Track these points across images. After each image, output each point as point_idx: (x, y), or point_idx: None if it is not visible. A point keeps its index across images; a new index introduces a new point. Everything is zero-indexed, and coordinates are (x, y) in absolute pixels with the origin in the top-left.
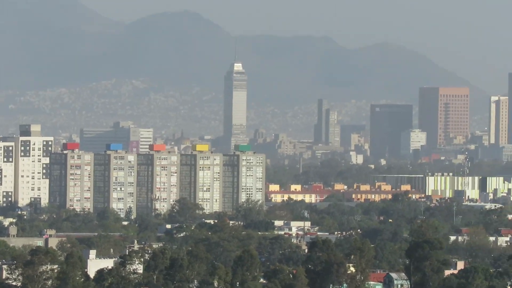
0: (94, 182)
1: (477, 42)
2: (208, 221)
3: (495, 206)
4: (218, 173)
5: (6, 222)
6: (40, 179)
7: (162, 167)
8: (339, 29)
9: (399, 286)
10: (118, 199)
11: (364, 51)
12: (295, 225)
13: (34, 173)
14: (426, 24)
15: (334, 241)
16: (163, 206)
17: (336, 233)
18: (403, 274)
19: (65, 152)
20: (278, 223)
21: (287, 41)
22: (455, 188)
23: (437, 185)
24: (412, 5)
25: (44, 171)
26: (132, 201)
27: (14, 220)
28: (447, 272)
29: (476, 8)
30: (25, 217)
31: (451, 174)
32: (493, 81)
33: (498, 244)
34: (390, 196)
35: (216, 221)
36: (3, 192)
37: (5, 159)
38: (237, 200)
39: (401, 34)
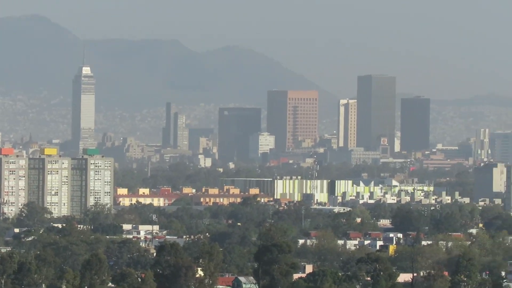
0: None
1: (326, 45)
2: (56, 225)
3: (344, 209)
4: (66, 177)
5: None
6: None
7: (10, 171)
8: (188, 32)
9: None
10: None
11: (213, 54)
12: (143, 228)
13: None
14: (274, 27)
15: (182, 244)
16: (11, 210)
17: (184, 236)
18: (252, 277)
19: None
20: (126, 227)
21: (135, 45)
22: (304, 192)
23: (286, 189)
24: (260, 8)
25: None
26: None
27: None
28: (296, 276)
29: (323, 11)
30: None
31: (299, 177)
32: (342, 84)
33: (347, 247)
34: (238, 200)
35: (64, 225)
36: None
37: None
38: (85, 204)
39: (249, 37)
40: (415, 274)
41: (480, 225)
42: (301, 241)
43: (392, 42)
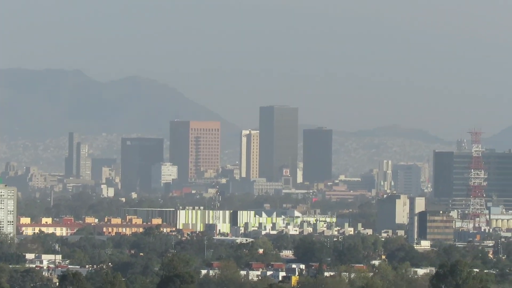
0: None
1: (228, 76)
2: None
3: (246, 240)
4: None
5: None
6: None
7: None
8: (91, 62)
9: None
10: None
11: (116, 84)
12: (46, 258)
13: None
14: (177, 58)
15: (85, 274)
16: None
17: (87, 266)
18: None
19: None
20: (29, 256)
21: (38, 74)
22: (206, 222)
23: (188, 219)
24: (163, 38)
25: None
26: None
27: None
28: None
29: (225, 43)
30: None
31: (202, 207)
32: (244, 115)
33: (249, 278)
34: (141, 230)
35: None
36: None
37: None
38: None
39: (152, 67)
40: None
41: (383, 256)
42: (203, 272)
43: (286, 73)
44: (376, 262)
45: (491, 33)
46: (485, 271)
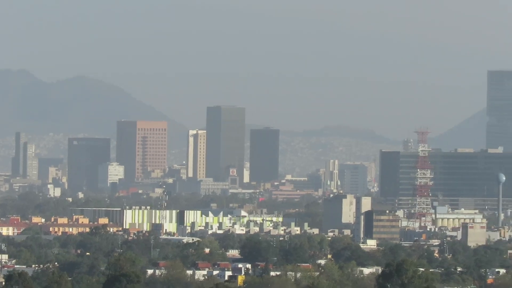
0: None
1: (175, 76)
2: None
3: (193, 239)
4: None
5: None
6: None
7: None
8: (37, 62)
9: None
10: None
11: (62, 84)
12: None
13: None
14: (124, 58)
15: (31, 274)
16: None
17: (33, 266)
18: None
19: None
20: None
21: None
22: (153, 222)
23: (135, 218)
24: (110, 39)
25: None
26: None
27: None
28: None
29: (171, 42)
30: None
31: (148, 207)
32: (191, 115)
33: (196, 277)
34: (87, 229)
35: None
36: None
37: None
38: None
39: (99, 67)
40: None
41: (329, 256)
42: (149, 271)
43: (233, 73)
44: (322, 262)
45: (436, 34)
46: (431, 270)
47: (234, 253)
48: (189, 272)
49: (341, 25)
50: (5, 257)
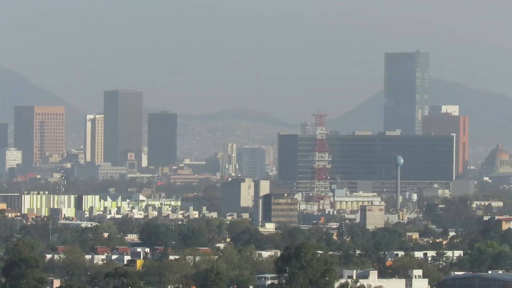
0: None
1: (73, 61)
2: None
3: (91, 224)
4: None
5: None
6: None
7: None
8: None
9: None
10: None
11: None
12: None
13: None
14: (20, 43)
15: None
16: None
17: None
18: None
19: None
20: None
21: None
22: (51, 207)
23: (33, 204)
24: (9, 22)
25: None
26: None
27: None
28: None
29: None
30: None
31: (47, 192)
32: (88, 99)
33: (95, 262)
34: None
35: None
36: None
37: None
38: None
39: None
40: None
41: (228, 239)
42: (48, 256)
43: (130, 57)
44: (221, 245)
45: (333, 17)
46: (330, 253)
47: (132, 237)
48: (88, 256)
49: (233, 8)
50: None
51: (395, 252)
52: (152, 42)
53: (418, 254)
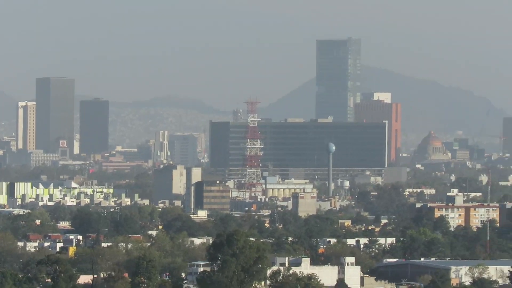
0: None
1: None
2: None
3: (23, 211)
4: None
5: None
6: None
7: None
8: None
9: None
10: None
11: None
12: None
13: None
14: None
15: None
16: None
17: None
18: None
19: None
20: None
21: None
22: None
23: None
24: None
25: None
26: None
27: None
28: None
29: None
30: None
31: None
32: (20, 86)
33: (27, 249)
34: None
35: None
36: None
37: None
38: None
39: None
40: (95, 276)
41: (160, 226)
42: None
43: (63, 44)
44: (153, 233)
45: (264, 3)
46: (262, 240)
47: (65, 224)
48: (20, 244)
49: None
50: None
51: (328, 240)
52: (84, 30)
53: (351, 242)
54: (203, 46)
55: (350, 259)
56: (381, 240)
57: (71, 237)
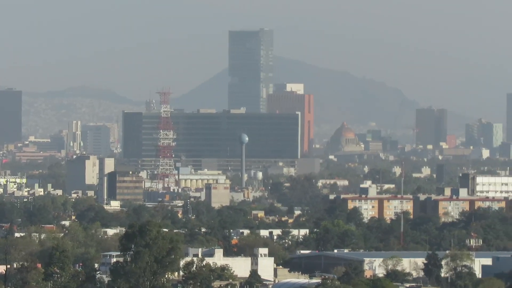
0: None
1: None
2: None
3: None
4: None
5: None
6: None
7: None
8: None
9: None
10: None
11: None
12: None
13: None
14: None
15: None
16: None
17: None
18: None
19: None
20: None
21: None
22: None
23: None
24: None
25: None
26: None
27: None
28: None
29: None
30: None
31: None
32: None
33: None
34: None
35: None
36: None
37: None
38: None
39: None
40: (8, 266)
41: (73, 217)
42: None
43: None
44: (67, 223)
45: None
46: (175, 231)
47: None
48: None
49: None
50: None
51: (241, 231)
52: (5, 16)
53: (264, 233)
54: (116, 36)
55: (264, 250)
56: (295, 232)
57: None
